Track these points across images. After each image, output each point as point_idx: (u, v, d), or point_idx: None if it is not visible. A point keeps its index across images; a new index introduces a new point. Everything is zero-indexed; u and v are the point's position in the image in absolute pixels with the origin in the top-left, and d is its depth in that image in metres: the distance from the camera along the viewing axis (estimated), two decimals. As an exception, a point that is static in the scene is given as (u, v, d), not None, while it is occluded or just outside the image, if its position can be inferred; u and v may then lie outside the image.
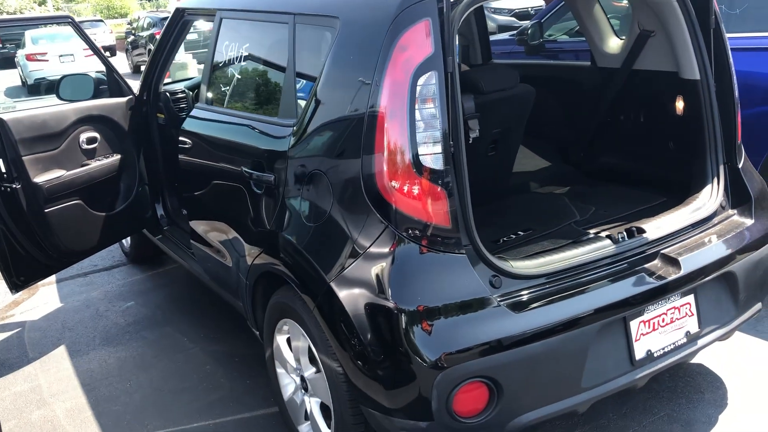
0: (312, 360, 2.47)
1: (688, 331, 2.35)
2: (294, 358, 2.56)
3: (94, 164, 3.61)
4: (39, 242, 3.40)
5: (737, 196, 2.61)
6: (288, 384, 2.71)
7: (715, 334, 2.41)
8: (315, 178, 2.28)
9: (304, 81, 2.44)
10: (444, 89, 2.00)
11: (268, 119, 2.62)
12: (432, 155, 2.02)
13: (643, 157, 3.01)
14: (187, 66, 16.39)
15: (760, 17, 3.66)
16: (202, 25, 19.31)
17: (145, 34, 19.28)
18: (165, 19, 19.05)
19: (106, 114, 3.71)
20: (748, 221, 2.54)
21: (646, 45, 2.87)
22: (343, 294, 2.10)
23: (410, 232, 2.05)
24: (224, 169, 2.86)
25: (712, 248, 2.38)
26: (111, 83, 3.88)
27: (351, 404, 2.23)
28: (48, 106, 3.47)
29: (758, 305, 2.59)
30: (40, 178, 3.31)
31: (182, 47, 16.39)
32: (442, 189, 2.03)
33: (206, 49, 3.15)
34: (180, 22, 3.57)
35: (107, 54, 19.26)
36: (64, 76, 3.86)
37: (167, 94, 4.01)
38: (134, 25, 22.88)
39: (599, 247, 2.30)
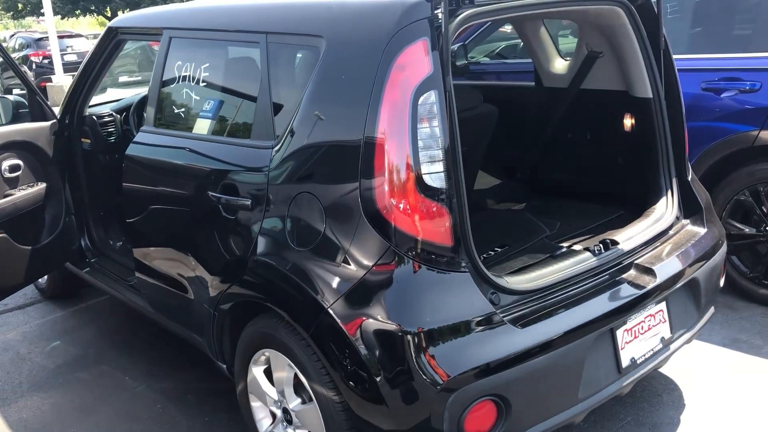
0: (297, 391, 2.38)
1: (663, 337, 2.46)
2: (276, 390, 2.45)
3: (19, 194, 3.32)
4: (-39, 281, 3.09)
5: (688, 207, 2.77)
6: (263, 418, 2.59)
7: (683, 338, 2.54)
8: (303, 200, 2.21)
9: (283, 102, 2.37)
10: (444, 108, 2.00)
11: (238, 141, 2.51)
12: (434, 174, 2.01)
13: (595, 173, 3.14)
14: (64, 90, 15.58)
15: (676, 40, 3.94)
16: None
17: (17, 55, 18.12)
18: (40, 39, 18.03)
19: (29, 139, 3.43)
20: (702, 230, 2.70)
21: (594, 65, 3.01)
22: (344, 320, 2.04)
23: (413, 252, 2.02)
24: (182, 195, 2.72)
25: (679, 257, 2.52)
26: (33, 106, 3.60)
27: (349, 434, 2.17)
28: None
29: (712, 308, 2.75)
30: (-39, 211, 3.02)
31: (61, 69, 15.50)
32: (445, 207, 2.02)
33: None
34: (112, 41, 3.38)
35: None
36: (-23, 100, 3.55)
37: (94, 117, 3.78)
38: (5, 45, 21.44)
39: (581, 260, 2.37)
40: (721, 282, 2.78)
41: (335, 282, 2.09)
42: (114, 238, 3.98)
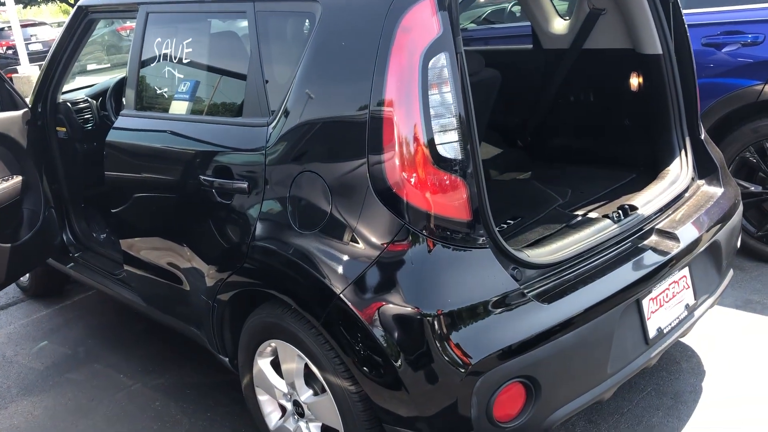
0: (308, 382, 2.24)
1: (687, 304, 2.35)
2: (285, 382, 2.31)
3: (-6, 189, 3.12)
4: (-62, 285, 2.90)
5: (703, 167, 2.66)
6: (272, 412, 2.45)
7: (707, 303, 2.44)
8: (305, 180, 2.05)
9: (276, 76, 2.20)
10: (457, 72, 1.85)
11: (229, 120, 2.34)
12: (448, 144, 1.86)
13: (601, 136, 3.01)
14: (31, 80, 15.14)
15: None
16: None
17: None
18: (2, 29, 17.49)
19: (1, 131, 3.22)
20: (719, 190, 2.59)
21: (597, 24, 2.87)
22: (358, 305, 1.89)
23: (428, 228, 1.88)
24: (171, 181, 2.54)
25: (700, 219, 2.40)
26: (2, 95, 3.38)
27: (368, 425, 2.04)
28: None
29: (731, 271, 2.65)
30: (-67, 210, 2.82)
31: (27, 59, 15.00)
32: (462, 179, 1.88)
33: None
34: (83, 22, 3.16)
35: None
36: (-58, 90, 3.32)
37: (68, 104, 3.57)
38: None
39: (601, 228, 2.25)
40: (738, 243, 2.68)
41: (346, 265, 1.94)
42: (97, 231, 3.80)
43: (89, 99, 3.69)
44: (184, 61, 2.54)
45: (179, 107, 2.58)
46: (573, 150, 3.14)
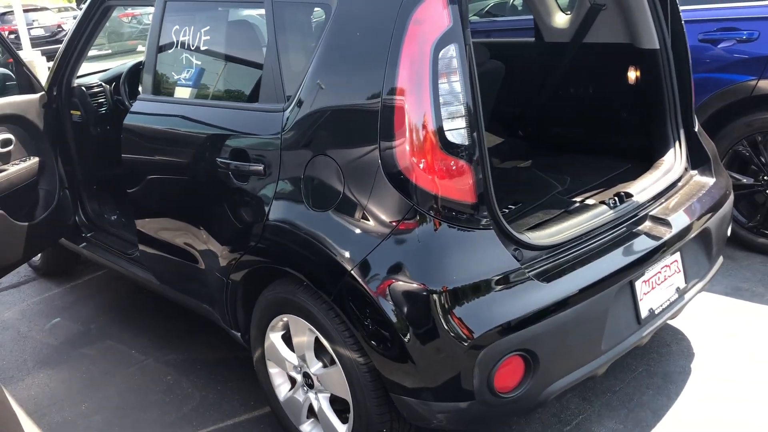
0: (318, 355, 2.37)
1: (678, 287, 2.48)
2: (296, 355, 2.43)
3: (12, 169, 3.23)
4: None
5: (696, 158, 2.78)
6: (282, 384, 2.58)
7: (697, 287, 2.57)
8: (319, 163, 2.16)
9: (292, 63, 2.31)
10: (465, 62, 1.96)
11: (245, 106, 2.46)
12: (455, 131, 1.98)
13: (599, 128, 3.13)
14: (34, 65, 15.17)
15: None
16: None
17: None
18: (4, 14, 17.49)
19: (19, 113, 3.33)
20: (711, 180, 2.71)
21: (597, 18, 2.98)
22: (368, 281, 2.02)
23: (435, 210, 2.00)
24: (188, 164, 2.66)
25: (692, 207, 2.53)
26: (20, 78, 3.49)
27: (376, 395, 2.16)
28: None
29: (721, 258, 2.78)
30: (-44, 188, 2.93)
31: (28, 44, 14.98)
32: (468, 164, 2.00)
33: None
34: (100, 8, 3.27)
35: None
36: (-38, 73, 3.43)
37: (83, 88, 3.67)
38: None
39: (598, 213, 2.37)
40: (728, 231, 2.80)
41: (357, 244, 2.06)
42: (108, 212, 3.91)
43: (103, 84, 3.80)
44: (202, 48, 2.65)
45: (196, 92, 2.69)
46: (572, 140, 3.26)
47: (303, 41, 2.32)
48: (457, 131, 1.98)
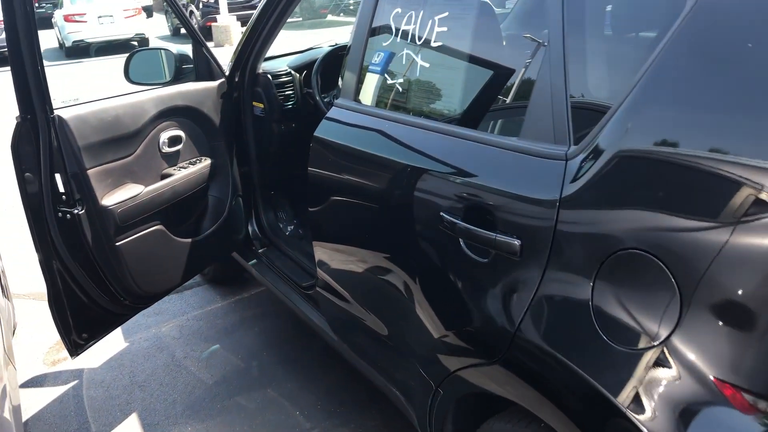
0: None
1: None
2: None
3: (179, 174, 2.64)
4: (107, 286, 2.46)
5: None
6: None
7: None
8: (634, 262, 1.26)
9: (590, 81, 1.41)
10: None
11: (498, 140, 1.59)
12: None
13: None
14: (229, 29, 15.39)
15: None
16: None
17: (186, -6, 18.26)
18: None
19: (193, 105, 2.73)
20: None
21: None
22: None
23: None
24: (397, 204, 1.86)
25: None
26: (198, 61, 2.89)
27: None
28: (119, 95, 2.49)
29: None
30: (109, 199, 2.35)
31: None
32: None
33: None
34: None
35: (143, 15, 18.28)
36: (135, 52, 2.88)
37: (268, 77, 3.02)
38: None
39: None
40: None
41: (677, 410, 1.15)
42: (284, 222, 3.28)
43: (292, 72, 3.13)
44: (433, 45, 1.82)
45: (417, 108, 1.88)
46: None
47: (617, 44, 1.41)
48: None
